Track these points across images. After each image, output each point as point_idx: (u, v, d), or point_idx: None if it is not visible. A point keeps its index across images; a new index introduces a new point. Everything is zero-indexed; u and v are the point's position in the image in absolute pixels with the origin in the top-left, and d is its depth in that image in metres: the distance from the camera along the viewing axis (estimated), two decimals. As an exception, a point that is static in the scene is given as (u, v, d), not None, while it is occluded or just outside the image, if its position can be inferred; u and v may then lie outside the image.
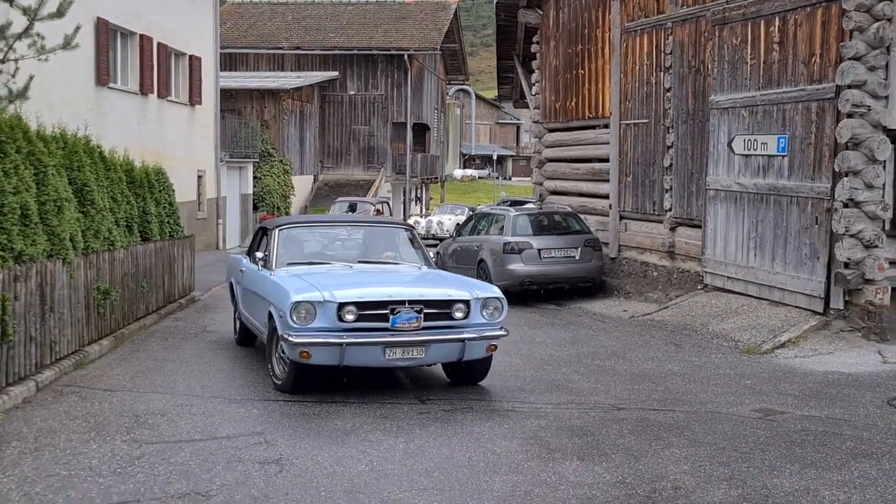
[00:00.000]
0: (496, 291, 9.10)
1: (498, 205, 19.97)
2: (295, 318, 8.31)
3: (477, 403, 8.73)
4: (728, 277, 14.26)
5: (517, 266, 16.45)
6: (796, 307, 12.74)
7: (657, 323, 14.08)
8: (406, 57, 41.00)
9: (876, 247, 11.76)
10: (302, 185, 38.46)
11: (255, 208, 32.25)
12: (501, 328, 8.95)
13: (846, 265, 11.88)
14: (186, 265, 15.73)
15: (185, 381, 9.53)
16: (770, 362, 11.18)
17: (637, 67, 16.95)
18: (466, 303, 8.72)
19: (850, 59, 11.61)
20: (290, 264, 9.78)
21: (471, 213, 27.65)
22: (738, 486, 6.33)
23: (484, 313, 8.80)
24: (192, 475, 6.33)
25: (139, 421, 7.80)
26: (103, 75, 19.04)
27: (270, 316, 9.00)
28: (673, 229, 16.09)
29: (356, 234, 11.16)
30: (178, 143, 23.51)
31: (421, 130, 45.72)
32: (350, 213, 28.29)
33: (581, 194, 19.54)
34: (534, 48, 20.99)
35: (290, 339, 8.33)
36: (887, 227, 11.89)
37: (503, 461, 6.81)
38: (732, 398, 9.15)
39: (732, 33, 14.08)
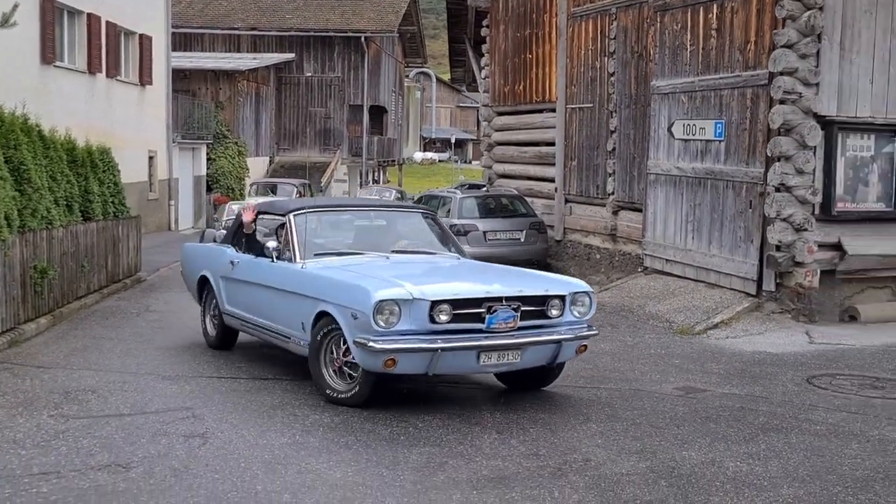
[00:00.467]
0: (586, 286, 8.35)
1: (455, 188, 20.06)
2: (380, 321, 7.21)
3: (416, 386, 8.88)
4: (667, 260, 14.52)
5: (462, 248, 16.56)
6: (731, 289, 13.03)
7: (598, 304, 14.29)
8: (363, 39, 40.93)
9: (806, 230, 12.05)
10: (257, 167, 38.34)
11: (209, 189, 32.16)
12: (591, 326, 8.23)
13: (778, 248, 12.16)
14: (132, 245, 15.73)
15: (120, 359, 9.60)
16: (701, 343, 11.45)
17: (582, 52, 17.15)
18: (562, 299, 7.92)
19: (782, 46, 11.87)
20: (317, 255, 8.67)
21: (399, 196, 27.57)
22: (648, 458, 6.54)
23: (574, 310, 8.05)
24: (116, 448, 6.43)
25: (69, 397, 7.87)
26: (48, 54, 18.91)
27: (318, 318, 7.86)
28: (615, 213, 16.34)
29: (379, 220, 10.06)
30: (127, 123, 23.39)
31: (378, 113, 45.71)
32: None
33: (529, 178, 19.74)
34: (483, 32, 21.14)
35: (370, 345, 7.19)
36: (817, 211, 12.18)
37: (424, 435, 6.97)
38: (658, 377, 9.39)
39: (673, 19, 14.30)
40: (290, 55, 41.02)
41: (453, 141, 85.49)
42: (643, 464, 6.41)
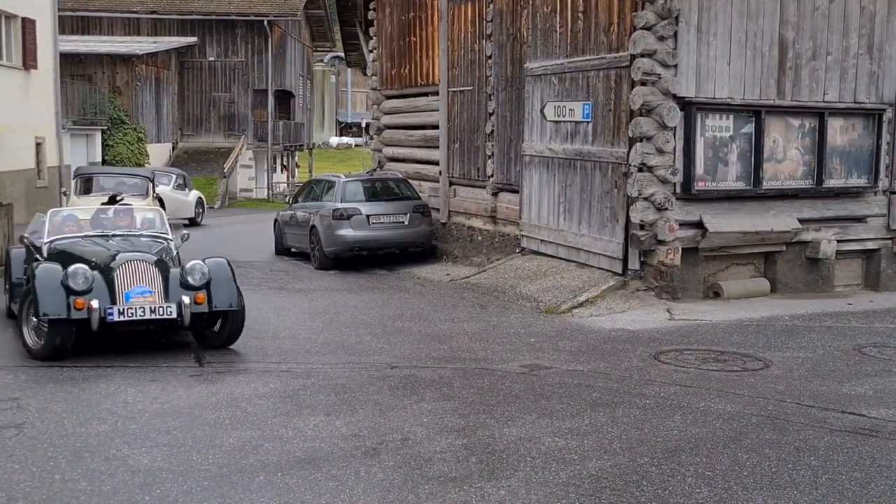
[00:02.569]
0: None
1: (367, 173, 19.92)
2: None
3: (254, 365, 8.86)
4: (542, 241, 14.69)
5: (346, 232, 16.58)
6: (599, 268, 13.23)
7: (472, 285, 14.43)
8: (266, 23, 40.45)
9: (667, 209, 12.28)
10: (159, 153, 37.70)
11: (107, 176, 31.49)
12: None
13: (641, 227, 12.38)
14: (1, 234, 15.33)
15: (-37, 350, 9.38)
16: (564, 321, 11.61)
17: (462, 35, 17.20)
18: None
19: (641, 28, 12.06)
20: None
21: (181, 181, 26.84)
22: (467, 436, 6.63)
23: None
24: (-77, 440, 6.29)
25: None
26: (-82, 37, 18.31)
27: None
28: (495, 195, 16.46)
29: None
30: (10, 108, 22.80)
31: (285, 98, 45.27)
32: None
33: (416, 161, 19.76)
34: (371, 15, 21.05)
35: None
36: (678, 190, 12.41)
37: (250, 418, 6.96)
38: (509, 355, 9.50)
39: (544, 2, 14.42)
40: (192, 39, 40.36)
41: (364, 125, 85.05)
42: (460, 441, 6.49)
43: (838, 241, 13.38)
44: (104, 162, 31.58)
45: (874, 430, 7.06)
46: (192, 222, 25.14)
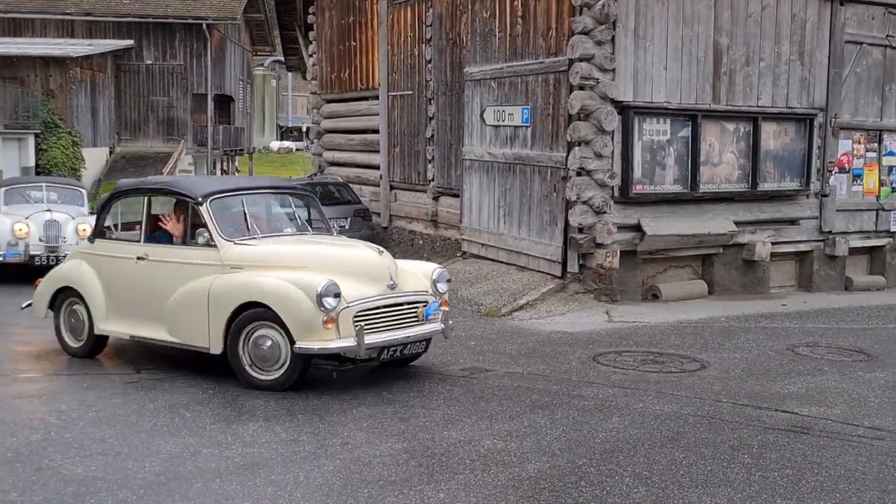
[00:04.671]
0: None
1: (308, 177, 19.78)
2: None
3: (193, 371, 8.75)
4: (482, 244, 14.74)
5: (286, 237, 16.45)
6: (539, 271, 13.31)
7: (414, 290, 14.40)
8: (205, 26, 40.02)
9: (605, 213, 12.41)
10: (95, 158, 37.05)
11: (41, 181, 30.91)
12: None
13: (580, 230, 12.49)
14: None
15: None
16: (504, 324, 11.66)
17: (402, 39, 17.22)
18: None
19: (579, 33, 12.17)
20: None
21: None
22: (407, 439, 6.63)
23: None
24: None
25: None
26: None
27: None
28: (436, 199, 16.49)
29: None
30: (-61, 112, 22.24)
31: (225, 102, 44.82)
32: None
33: (357, 165, 19.73)
34: (310, 19, 20.97)
35: None
36: (616, 194, 12.55)
37: (188, 425, 6.89)
38: (449, 359, 9.50)
39: (483, 7, 14.49)
40: (128, 42, 39.77)
41: (304, 129, 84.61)
42: (400, 445, 6.49)
43: (773, 244, 13.64)
44: (38, 167, 30.98)
45: (806, 427, 7.20)
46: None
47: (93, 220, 11.29)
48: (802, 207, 14.01)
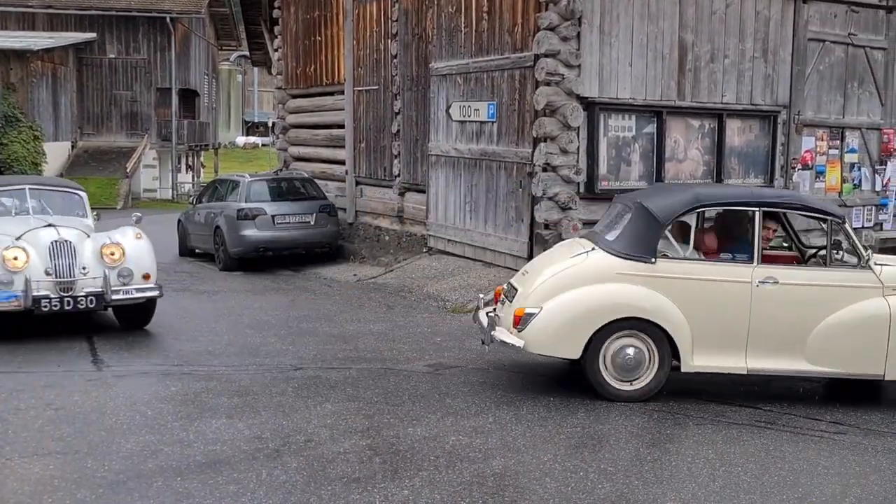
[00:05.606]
0: None
1: (273, 173, 19.61)
2: None
3: (155, 368, 8.66)
4: (448, 240, 14.71)
5: (251, 232, 16.37)
6: (505, 267, 13.28)
7: (379, 286, 14.37)
8: (169, 20, 39.65)
9: (571, 209, 12.40)
10: (57, 153, 36.58)
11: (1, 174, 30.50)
12: None
13: (546, 226, 12.48)
14: None
15: None
16: (470, 320, 11.60)
17: (368, 34, 17.14)
18: None
19: (544, 29, 12.15)
20: None
21: None
22: (371, 436, 6.59)
23: None
24: None
25: None
26: None
27: None
28: (402, 194, 16.43)
29: None
30: None
31: (190, 96, 44.43)
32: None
33: (322, 160, 19.63)
34: (276, 13, 20.82)
35: None
36: (582, 190, 12.54)
37: (149, 423, 6.80)
38: (415, 355, 9.47)
39: (449, 2, 14.44)
40: (91, 35, 39.30)
41: (270, 124, 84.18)
42: (364, 441, 6.45)
43: (737, 240, 13.68)
44: (0, 161, 30.55)
45: (769, 422, 7.25)
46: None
47: (114, 234, 10.33)
48: (766, 204, 14.08)
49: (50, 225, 10.16)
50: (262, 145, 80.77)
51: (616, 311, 7.55)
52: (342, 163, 18.50)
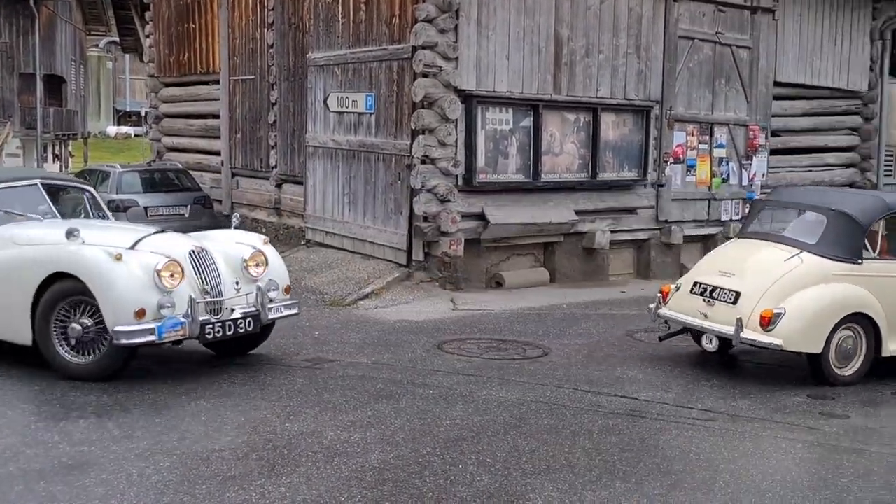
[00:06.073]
0: None
1: (146, 163, 18.99)
2: None
3: (16, 367, 8.25)
4: (327, 233, 14.55)
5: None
6: (385, 260, 13.23)
7: (256, 279, 14.10)
8: (32, 3, 38.09)
9: (450, 201, 12.43)
10: (-88, 141, 34.83)
11: None
12: None
13: (424, 219, 12.47)
14: None
15: None
16: (350, 314, 11.52)
17: (244, 23, 16.81)
18: None
19: (422, 21, 12.13)
20: None
21: None
22: (248, 432, 6.44)
23: None
24: None
25: None
26: None
27: None
28: (279, 186, 16.19)
29: None
30: None
31: (56, 83, 42.82)
32: None
33: (198, 151, 19.18)
34: (147, -1, 20.27)
35: None
36: (460, 182, 12.58)
37: (11, 424, 6.51)
38: (292, 349, 9.28)
39: (327, -8, 14.28)
40: (-52, 18, 37.50)
41: (143, 113, 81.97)
42: (241, 438, 6.30)
43: (612, 232, 13.98)
44: None
45: (643, 411, 7.39)
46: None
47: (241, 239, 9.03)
48: (640, 197, 14.42)
49: (162, 230, 8.48)
50: (135, 135, 78.55)
51: (847, 307, 8.42)
52: (218, 153, 18.12)
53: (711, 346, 8.57)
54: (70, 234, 7.68)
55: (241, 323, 8.01)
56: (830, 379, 8.39)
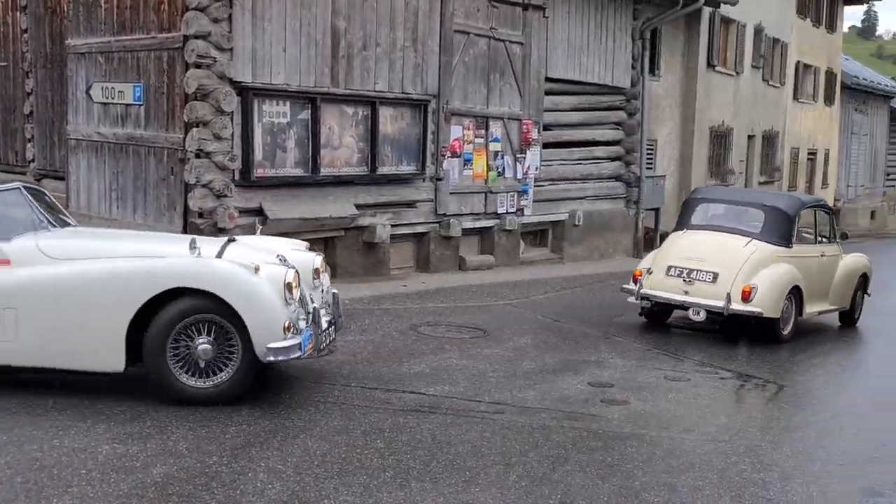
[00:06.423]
0: None
1: None
2: None
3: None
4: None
5: None
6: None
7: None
8: None
9: (227, 196, 11.98)
10: None
11: None
12: None
13: (200, 215, 11.96)
14: None
15: None
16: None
17: (-6, 5, 15.59)
18: None
19: (193, 9, 11.60)
20: None
21: None
22: (11, 452, 5.88)
23: None
24: None
25: None
26: None
27: None
28: (38, 181, 15.09)
29: None
30: None
31: None
32: None
33: (-57, 144, 17.63)
34: None
35: None
36: (237, 177, 12.15)
37: None
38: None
39: (88, -25, 13.41)
40: None
41: None
42: (2, 459, 5.74)
43: (392, 226, 13.94)
44: None
45: (433, 407, 7.35)
46: None
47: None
48: (419, 191, 14.46)
49: (231, 239, 7.86)
50: None
51: (792, 281, 11.02)
52: (-35, 147, 16.72)
53: (699, 317, 10.73)
54: (192, 246, 7.01)
55: (329, 331, 7.60)
56: (780, 337, 10.93)
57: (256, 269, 6.95)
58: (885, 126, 41.26)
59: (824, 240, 12.28)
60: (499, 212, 15.72)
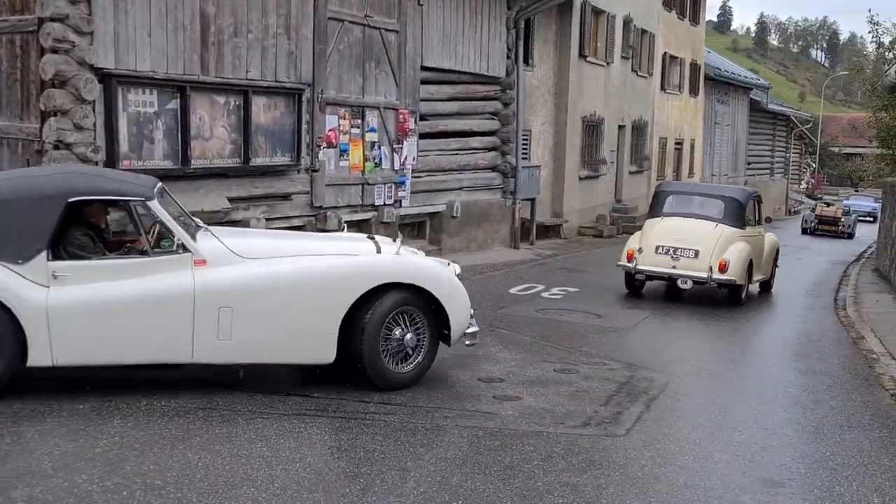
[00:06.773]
0: None
1: None
2: None
3: None
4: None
5: None
6: (14, 258, 11.77)
7: None
8: None
9: (89, 190, 11.27)
10: None
11: None
12: None
13: (61, 211, 11.21)
14: None
15: None
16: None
17: None
18: None
19: (49, -10, 10.86)
20: None
21: None
22: None
23: None
24: None
25: None
26: None
27: None
28: None
29: None
30: None
31: None
32: None
33: None
34: None
35: None
36: (101, 169, 11.48)
37: None
38: None
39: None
40: None
41: None
42: None
43: (267, 220, 13.42)
44: None
45: (320, 409, 7.00)
46: None
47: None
48: (294, 182, 13.98)
49: (371, 237, 8.64)
50: None
51: (749, 257, 13.68)
52: None
53: (687, 285, 13.35)
54: (376, 244, 7.98)
55: None
56: (741, 301, 13.64)
57: (448, 265, 7.91)
58: (745, 116, 42.67)
59: (756, 223, 14.74)
60: (376, 203, 15.38)
